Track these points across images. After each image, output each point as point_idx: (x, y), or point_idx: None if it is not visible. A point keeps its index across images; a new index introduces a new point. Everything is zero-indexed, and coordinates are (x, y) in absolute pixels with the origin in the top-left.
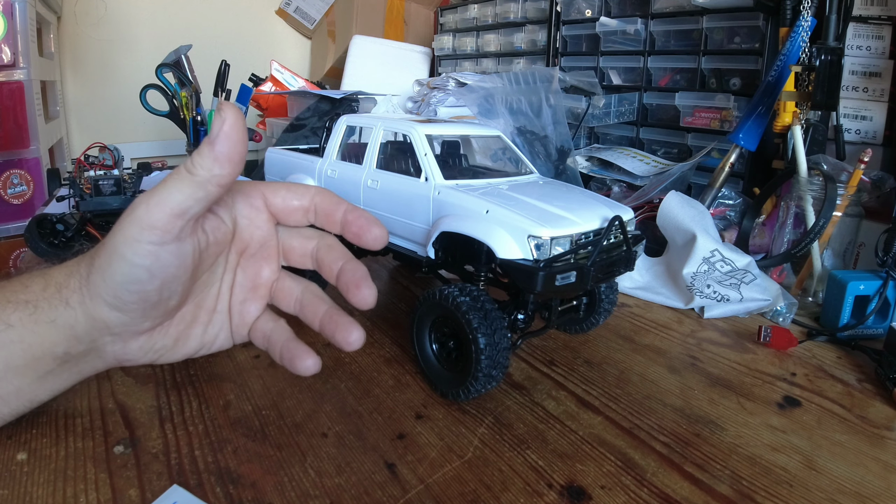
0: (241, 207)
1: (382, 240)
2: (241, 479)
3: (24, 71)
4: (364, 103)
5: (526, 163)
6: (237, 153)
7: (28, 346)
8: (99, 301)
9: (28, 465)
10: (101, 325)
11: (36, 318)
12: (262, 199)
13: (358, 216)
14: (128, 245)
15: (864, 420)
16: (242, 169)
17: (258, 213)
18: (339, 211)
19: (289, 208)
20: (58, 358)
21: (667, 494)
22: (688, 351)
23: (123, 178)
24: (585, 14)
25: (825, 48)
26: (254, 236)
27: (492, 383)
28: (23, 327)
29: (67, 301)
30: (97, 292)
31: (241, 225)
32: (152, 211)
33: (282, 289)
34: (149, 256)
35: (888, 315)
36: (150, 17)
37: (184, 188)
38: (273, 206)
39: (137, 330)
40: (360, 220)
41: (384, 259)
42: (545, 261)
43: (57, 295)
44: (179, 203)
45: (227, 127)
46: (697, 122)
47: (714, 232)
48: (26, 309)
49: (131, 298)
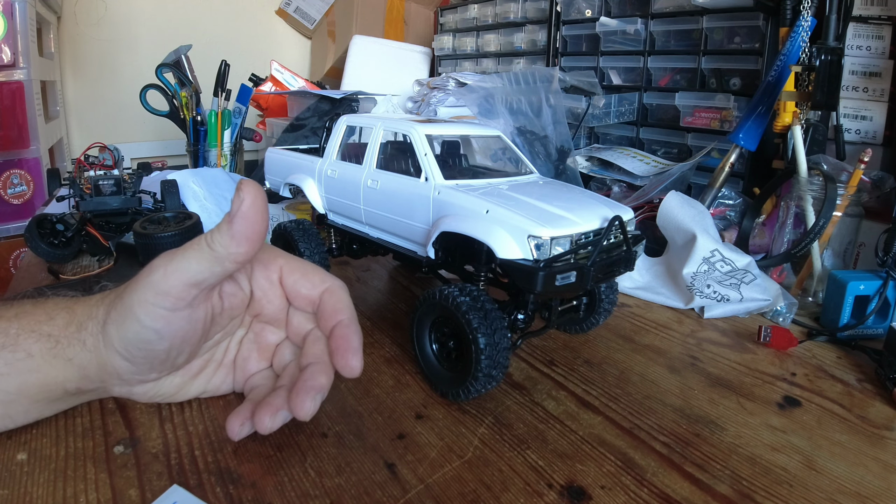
0: (259, 279)
1: (354, 373)
2: (241, 479)
3: (24, 71)
4: (364, 103)
5: (526, 163)
6: (255, 233)
7: (43, 377)
8: (111, 350)
9: (28, 465)
10: (112, 371)
11: (55, 352)
12: (278, 273)
13: (345, 335)
14: (141, 307)
15: (864, 420)
16: (261, 246)
17: (273, 287)
18: (335, 317)
19: (297, 294)
20: (69, 391)
21: (667, 494)
22: (688, 351)
23: (123, 178)
24: (585, 14)
25: (825, 48)
26: (265, 309)
27: (492, 383)
28: (42, 359)
29: (84, 342)
30: (110, 342)
31: (257, 296)
32: (168, 278)
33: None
34: (160, 321)
35: (888, 315)
36: (150, 17)
37: (201, 260)
38: (284, 286)
39: (144, 379)
40: (343, 342)
41: (384, 259)
42: (545, 261)
43: (77, 335)
44: (195, 274)
45: (246, 207)
46: (697, 122)
47: (714, 232)
48: (48, 342)
49: (141, 354)
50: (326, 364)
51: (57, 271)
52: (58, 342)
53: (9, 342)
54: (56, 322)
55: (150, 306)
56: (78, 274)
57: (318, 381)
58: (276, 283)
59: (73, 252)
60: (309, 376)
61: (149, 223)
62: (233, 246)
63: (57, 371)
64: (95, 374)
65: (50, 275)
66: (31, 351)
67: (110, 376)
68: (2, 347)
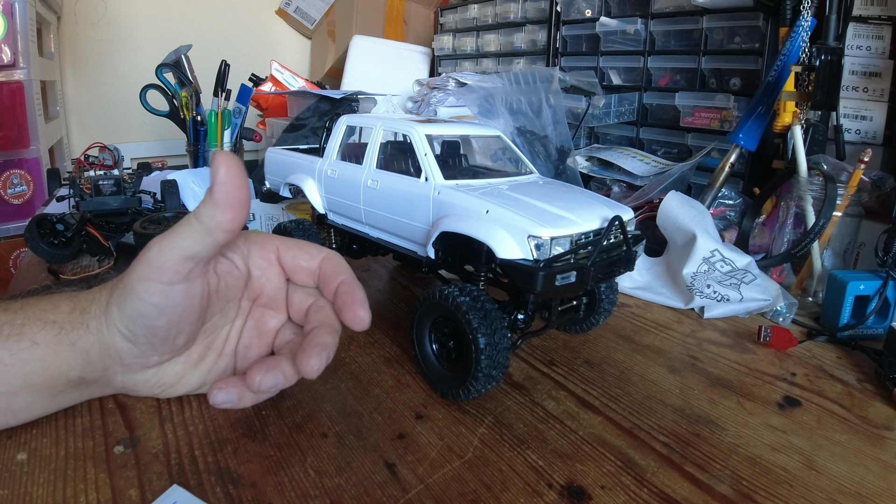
0: (256, 258)
1: (363, 323)
2: (241, 479)
3: (24, 71)
4: (364, 103)
5: (526, 163)
6: (237, 199)
7: (48, 366)
8: (114, 330)
9: (28, 465)
10: (114, 354)
11: (59, 339)
12: (275, 252)
13: (350, 291)
14: (140, 283)
15: (864, 420)
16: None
17: (271, 266)
18: (336, 279)
19: (297, 267)
20: (71, 381)
21: (667, 494)
22: (688, 351)
23: (123, 178)
24: (585, 14)
25: (825, 48)
26: (265, 288)
27: (492, 383)
28: (46, 347)
29: (88, 325)
30: (113, 322)
31: (255, 275)
32: (163, 253)
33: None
34: (158, 295)
35: (888, 315)
36: (150, 17)
37: (192, 233)
38: (283, 263)
39: (146, 363)
40: (348, 297)
41: (384, 259)
42: (545, 261)
43: (80, 318)
44: (188, 247)
45: (222, 174)
46: (697, 122)
47: (714, 232)
48: (52, 329)
49: (142, 332)
50: (331, 326)
51: (57, 271)
52: (62, 328)
53: (14, 332)
54: (61, 309)
55: (148, 282)
56: (78, 274)
57: (324, 339)
58: (273, 262)
59: (73, 252)
60: (314, 335)
61: (149, 223)
62: (218, 214)
63: (60, 358)
64: (98, 359)
65: (50, 275)
66: (35, 339)
67: (113, 361)
68: (7, 337)
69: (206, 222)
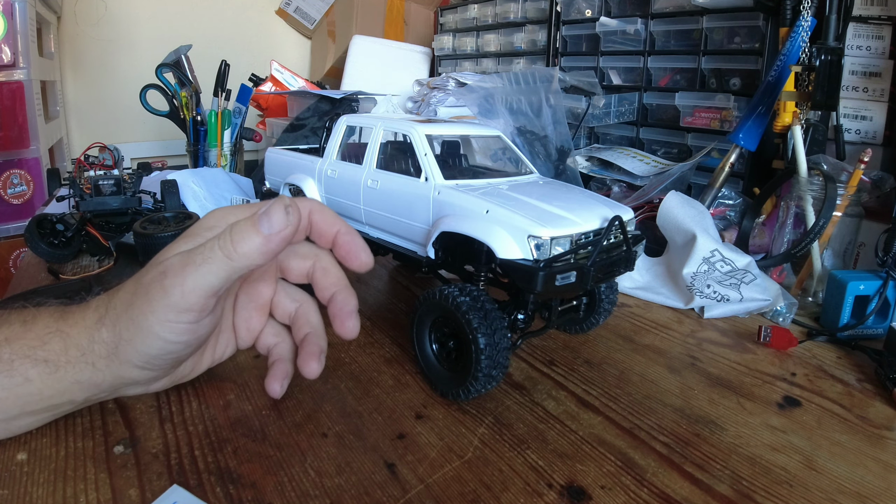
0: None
1: (368, 266)
2: (241, 479)
3: (24, 71)
4: (364, 103)
5: (526, 163)
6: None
7: (48, 398)
8: (128, 365)
9: (28, 465)
10: (129, 380)
11: (58, 377)
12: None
13: (350, 240)
14: (164, 326)
15: (864, 420)
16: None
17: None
18: (332, 230)
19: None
20: (77, 403)
21: (667, 494)
22: (688, 351)
23: (123, 178)
24: (585, 14)
25: (825, 48)
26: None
27: (492, 383)
28: (42, 382)
29: (94, 364)
30: (128, 360)
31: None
32: (188, 297)
33: (277, 304)
34: (186, 334)
35: (888, 315)
36: (150, 17)
37: (219, 271)
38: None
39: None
40: (350, 245)
41: (384, 259)
42: (545, 261)
43: (81, 359)
44: (214, 286)
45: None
46: (697, 122)
47: (714, 232)
48: (46, 367)
49: (165, 364)
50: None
51: (57, 271)
52: (58, 368)
53: (3, 367)
54: (51, 347)
55: (173, 325)
56: (78, 274)
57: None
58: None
59: (73, 252)
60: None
61: (149, 223)
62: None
63: (64, 389)
64: (109, 387)
65: (50, 275)
66: (28, 376)
67: (126, 384)
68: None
69: (240, 263)
